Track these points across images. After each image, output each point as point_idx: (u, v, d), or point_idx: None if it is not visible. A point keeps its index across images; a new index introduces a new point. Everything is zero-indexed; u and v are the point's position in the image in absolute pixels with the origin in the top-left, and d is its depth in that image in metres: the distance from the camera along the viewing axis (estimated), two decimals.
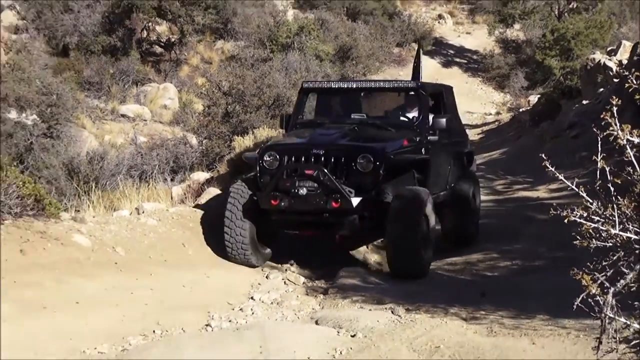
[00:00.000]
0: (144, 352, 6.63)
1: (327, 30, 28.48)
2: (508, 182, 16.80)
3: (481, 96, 29.87)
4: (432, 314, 8.20)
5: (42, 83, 15.52)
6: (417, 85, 10.30)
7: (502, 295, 8.93)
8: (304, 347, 6.93)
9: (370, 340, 7.28)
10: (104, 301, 7.89)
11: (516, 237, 11.56)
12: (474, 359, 6.68)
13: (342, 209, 8.66)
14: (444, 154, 10.76)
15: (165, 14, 24.92)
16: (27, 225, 8.73)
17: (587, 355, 3.96)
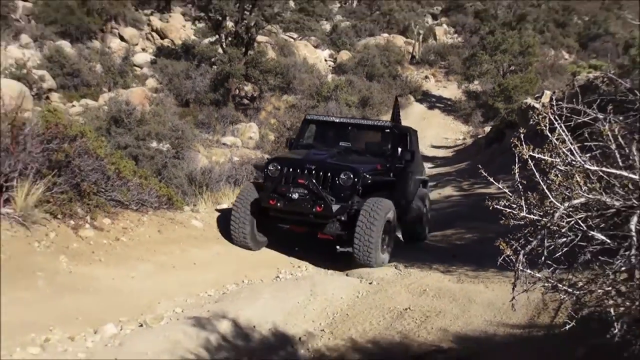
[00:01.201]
0: (236, 294, 6.73)
1: (353, 87, 28.54)
2: (471, 183, 16.79)
3: (453, 128, 29.78)
4: (421, 269, 8.27)
5: (172, 124, 15.76)
6: (390, 126, 9.64)
7: (466, 257, 8.99)
8: (338, 290, 7.03)
9: (381, 285, 7.34)
10: (211, 263, 8.02)
11: (475, 219, 11.53)
12: (448, 297, 6.72)
13: (324, 213, 7.87)
14: (407, 179, 9.87)
15: (249, 79, 25.07)
16: (162, 214, 8.88)
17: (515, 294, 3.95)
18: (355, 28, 47.19)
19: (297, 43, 38.55)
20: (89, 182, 7.96)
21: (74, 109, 20.19)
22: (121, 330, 5.34)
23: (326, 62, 38.52)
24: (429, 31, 51.84)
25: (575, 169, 2.72)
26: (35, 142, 7.46)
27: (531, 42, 29.78)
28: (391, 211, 8.12)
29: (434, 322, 5.95)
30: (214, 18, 25.85)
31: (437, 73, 43.26)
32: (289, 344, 5.48)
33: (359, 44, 41.59)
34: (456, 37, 51.65)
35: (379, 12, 51.87)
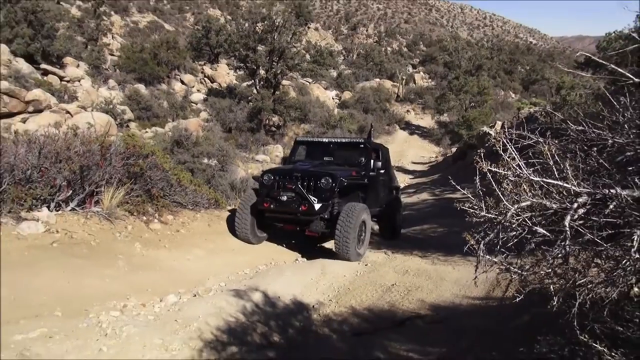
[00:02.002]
0: (266, 272, 6.70)
1: (353, 118, 28.57)
2: (441, 190, 16.67)
3: (428, 149, 29.65)
4: (404, 254, 8.20)
5: (219, 145, 15.78)
6: (364, 142, 9.04)
7: (438, 245, 8.90)
8: (342, 270, 6.98)
9: (374, 267, 7.28)
10: (246, 249, 7.98)
11: (444, 217, 11.45)
12: (425, 276, 6.66)
13: (308, 211, 7.40)
14: (380, 185, 9.34)
15: (276, 112, 25.14)
16: (210, 212, 8.87)
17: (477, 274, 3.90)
18: (355, 74, 47.28)
19: (312, 86, 38.66)
20: (157, 188, 7.98)
21: (146, 135, 20.27)
22: (180, 299, 5.32)
23: (333, 99, 38.54)
24: (410, 77, 51.96)
25: (522, 180, 2.69)
26: (118, 158, 7.48)
27: (486, 85, 29.76)
28: (365, 213, 7.65)
29: (414, 295, 5.90)
30: (250, 67, 26.00)
31: (416, 108, 43.21)
32: (305, 310, 5.44)
33: (358, 86, 41.63)
34: (430, 81, 51.70)
35: (372, 62, 51.92)
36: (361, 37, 75.84)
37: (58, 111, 21.30)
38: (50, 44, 27.06)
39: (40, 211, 6.28)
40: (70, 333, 4.15)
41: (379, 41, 77.83)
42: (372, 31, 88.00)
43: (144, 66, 29.68)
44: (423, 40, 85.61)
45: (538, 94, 39.96)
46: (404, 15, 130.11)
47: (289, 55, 25.35)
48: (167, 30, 44.49)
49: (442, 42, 48.31)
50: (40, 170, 6.68)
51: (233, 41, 25.57)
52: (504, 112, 30.95)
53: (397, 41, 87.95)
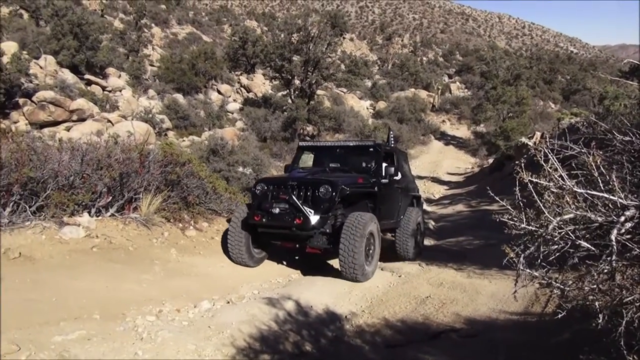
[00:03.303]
0: (298, 281, 6.70)
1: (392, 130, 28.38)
2: (477, 202, 16.32)
3: (464, 160, 29.15)
4: (439, 266, 8.04)
5: (254, 154, 15.94)
6: (374, 145, 8.10)
7: (474, 258, 8.67)
8: (375, 280, 6.90)
9: (408, 278, 7.18)
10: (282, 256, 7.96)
11: (481, 229, 11.19)
12: (460, 289, 6.52)
13: (303, 225, 6.41)
14: (394, 194, 8.26)
15: (311, 121, 25.26)
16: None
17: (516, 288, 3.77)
18: (389, 84, 47.11)
19: (346, 95, 38.73)
20: (193, 196, 8.11)
21: (184, 143, 20.67)
22: (213, 305, 5.37)
23: (367, 109, 38.48)
24: (445, 87, 51.41)
25: (565, 191, 2.60)
26: (156, 166, 7.65)
27: (525, 95, 29.11)
28: (373, 224, 6.68)
29: (448, 308, 5.77)
30: (285, 77, 26.28)
31: (452, 118, 42.65)
32: (337, 320, 5.39)
33: (393, 96, 41.43)
34: (466, 91, 50.96)
35: (407, 72, 51.66)
36: (396, 47, 75.59)
37: (100, 120, 22.01)
38: (94, 55, 28.04)
39: (81, 216, 6.47)
40: (107, 336, 4.23)
41: (415, 51, 77.42)
42: (407, 41, 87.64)
43: (182, 76, 30.37)
44: (459, 50, 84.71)
45: (579, 104, 38.90)
46: (440, 25, 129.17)
47: (324, 65, 25.50)
48: (205, 42, 45.46)
49: (479, 52, 47.72)
50: (82, 176, 6.89)
51: (269, 52, 25.91)
52: (543, 123, 30.24)
53: (433, 51, 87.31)
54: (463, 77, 57.69)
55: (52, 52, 27.24)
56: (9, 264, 5.19)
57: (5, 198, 6.01)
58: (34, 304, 4.63)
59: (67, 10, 28.52)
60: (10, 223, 5.76)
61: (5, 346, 3.77)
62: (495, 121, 29.25)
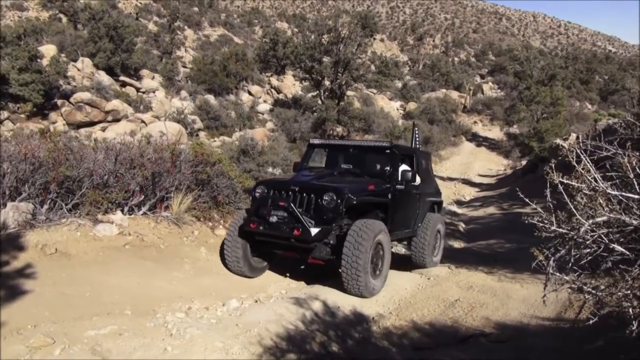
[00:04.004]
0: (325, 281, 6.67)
1: (418, 128, 28.08)
2: (510, 204, 16.01)
3: (496, 161, 28.63)
4: (469, 269, 7.94)
5: (284, 155, 16.06)
6: (390, 146, 7.27)
7: (505, 261, 8.53)
8: (403, 282, 6.86)
9: (437, 281, 7.11)
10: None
11: (513, 232, 10.97)
12: (490, 292, 6.42)
13: (302, 237, 5.75)
14: (411, 200, 7.47)
15: (340, 122, 25.27)
16: None
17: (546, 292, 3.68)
18: (420, 85, 46.68)
19: (376, 96, 38.59)
20: (223, 195, 8.22)
21: (214, 143, 20.96)
22: (242, 304, 5.42)
23: (397, 110, 38.24)
24: (477, 87, 50.63)
25: (598, 193, 2.52)
26: (187, 166, 7.78)
27: (560, 96, 28.37)
28: (382, 233, 6.03)
29: (478, 312, 5.68)
30: (315, 78, 26.37)
31: (484, 119, 41.98)
32: (365, 322, 5.38)
33: (423, 97, 41.05)
34: (499, 91, 50.06)
35: (439, 73, 51.09)
36: (427, 47, 74.84)
37: (134, 120, 22.54)
38: (129, 57, 28.73)
39: (114, 214, 6.64)
40: (138, 331, 4.33)
41: (446, 51, 76.52)
42: (439, 41, 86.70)
43: (213, 77, 30.82)
44: (492, 50, 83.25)
45: (617, 105, 37.72)
46: (472, 25, 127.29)
47: (354, 66, 25.47)
48: (236, 43, 46.01)
49: (513, 52, 46.77)
50: (116, 175, 7.07)
51: (299, 53, 26.03)
52: (579, 124, 29.43)
53: (465, 51, 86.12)
54: (496, 77, 56.70)
55: (89, 54, 28.05)
56: (46, 259, 5.36)
57: (43, 195, 6.21)
58: (69, 298, 4.77)
59: (104, 14, 29.30)
60: (47, 220, 5.96)
61: (41, 339, 3.90)
62: (528, 122, 28.61)
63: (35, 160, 6.37)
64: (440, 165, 26.44)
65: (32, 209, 5.92)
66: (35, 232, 5.65)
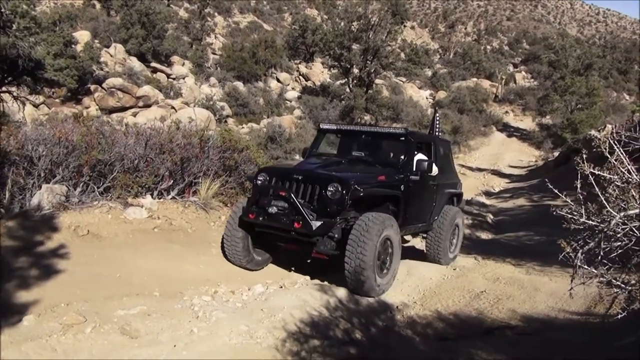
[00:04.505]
0: None
1: (447, 118, 27.69)
2: (540, 196, 15.67)
3: (527, 152, 28.04)
4: (496, 261, 7.82)
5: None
6: (405, 133, 6.67)
7: (534, 254, 8.38)
8: (429, 272, 6.83)
9: (463, 272, 7.05)
10: None
11: (543, 225, 10.74)
12: (517, 285, 6.34)
13: (303, 230, 5.34)
14: (426, 192, 6.94)
15: (368, 110, 25.09)
16: None
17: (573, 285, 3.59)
18: (450, 74, 45.96)
19: (405, 85, 38.19)
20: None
21: (242, 130, 21.13)
22: (267, 289, 5.49)
23: (427, 99, 37.78)
24: (510, 76, 49.54)
25: (631, 185, 2.45)
26: (215, 152, 7.88)
27: (596, 86, 27.52)
28: (390, 228, 5.53)
29: (504, 304, 5.62)
30: (344, 66, 26.21)
31: (516, 109, 41.10)
32: (389, 310, 5.38)
33: (453, 86, 40.42)
34: (532, 81, 48.86)
35: (470, 61, 50.15)
36: (459, 35, 73.53)
37: (164, 106, 22.87)
38: (160, 44, 29.07)
39: (144, 198, 6.79)
40: (165, 313, 4.45)
41: (478, 39, 74.96)
42: (471, 29, 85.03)
43: (243, 64, 30.97)
44: (526, 38, 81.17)
45: None
46: (506, 12, 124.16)
47: (384, 54, 25.20)
48: (265, 30, 46.05)
49: (548, 40, 45.54)
50: (146, 160, 7.21)
51: (328, 40, 25.89)
52: (615, 116, 28.59)
53: (498, 39, 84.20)
54: (529, 66, 55.33)
55: (122, 40, 28.50)
56: (79, 240, 5.53)
57: (76, 178, 6.39)
58: (100, 278, 4.92)
59: (136, 1, 29.66)
60: (79, 202, 6.13)
61: (73, 317, 4.04)
62: (562, 113, 27.88)
63: (69, 143, 6.55)
64: (469, 155, 26.07)
65: (65, 192, 6.10)
66: (69, 214, 5.83)
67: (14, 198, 5.97)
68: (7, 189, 5.88)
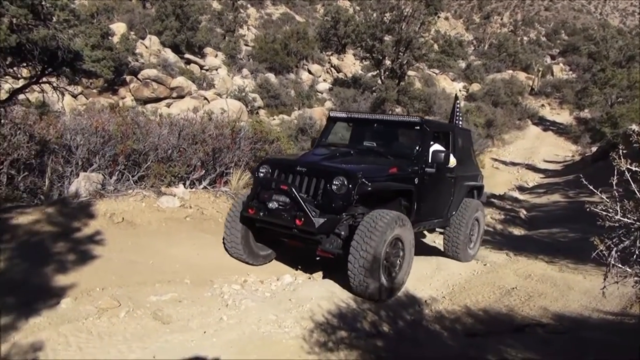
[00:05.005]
0: None
1: (481, 111, 27.18)
2: (576, 192, 15.27)
3: (563, 147, 27.29)
4: (528, 257, 7.69)
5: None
6: (420, 121, 6.15)
7: (568, 251, 8.18)
8: (458, 267, 6.78)
9: (494, 267, 6.96)
10: None
11: (578, 222, 10.47)
12: (550, 282, 6.21)
13: (304, 227, 4.94)
14: (443, 186, 6.49)
15: (400, 103, 24.81)
16: None
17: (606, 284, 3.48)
18: (485, 65, 44.98)
19: (438, 77, 37.64)
20: None
21: (274, 122, 21.21)
22: (295, 280, 5.55)
23: (460, 91, 37.14)
24: (547, 68, 48.22)
25: None
26: (246, 143, 7.95)
27: (638, 79, 26.51)
28: (401, 226, 5.05)
29: (536, 301, 5.52)
30: (376, 58, 25.97)
31: (552, 102, 39.99)
32: (417, 304, 5.36)
33: (488, 78, 39.58)
34: (571, 73, 47.43)
35: (505, 53, 48.98)
36: (495, 26, 71.87)
37: (197, 97, 23.17)
38: (194, 36, 29.41)
39: (177, 187, 6.92)
40: (196, 300, 4.55)
41: (515, 30, 73.16)
42: (507, 20, 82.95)
43: (274, 56, 31.07)
44: (565, 29, 78.74)
45: None
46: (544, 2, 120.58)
47: (416, 46, 24.85)
48: (298, 22, 46.03)
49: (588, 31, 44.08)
50: (179, 150, 7.34)
51: (360, 31, 25.68)
52: None
53: (535, 30, 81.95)
54: (567, 58, 53.65)
55: (156, 32, 28.96)
56: (114, 227, 5.69)
57: (112, 167, 6.57)
58: (134, 265, 5.06)
59: None
60: (115, 190, 6.30)
61: (108, 301, 4.17)
62: (601, 106, 26.99)
63: (105, 133, 6.73)
64: (503, 149, 25.57)
65: (101, 180, 6.28)
66: (104, 202, 5.99)
67: (53, 185, 6.18)
68: (47, 176, 6.09)
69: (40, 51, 6.78)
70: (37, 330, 3.67)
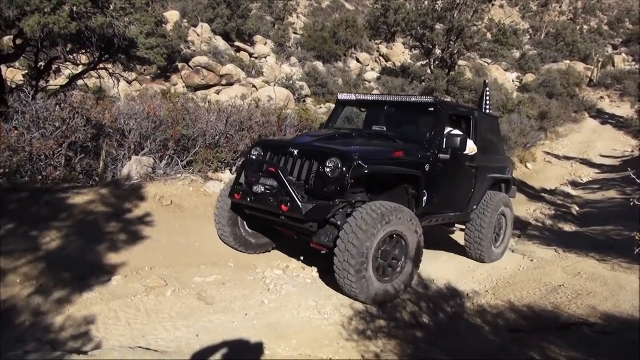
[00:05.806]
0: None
1: (534, 103, 26.24)
2: (635, 189, 14.55)
3: (622, 142, 26.01)
4: (578, 255, 7.42)
5: None
6: (435, 102, 5.60)
7: (622, 250, 7.83)
8: (503, 262, 6.64)
9: (541, 264, 6.78)
10: None
11: (635, 220, 9.97)
12: (600, 281, 5.99)
13: (291, 213, 4.47)
14: (461, 175, 5.94)
15: (449, 93, 24.32)
16: None
17: None
18: (541, 55, 43.32)
19: (491, 67, 36.54)
20: None
21: (320, 110, 21.22)
22: None
23: (513, 82, 35.95)
24: (608, 59, 45.88)
25: None
26: (292, 130, 8.02)
27: None
28: (400, 221, 4.46)
29: (584, 300, 5.34)
30: (426, 47, 25.53)
31: (612, 94, 38.07)
32: (458, 297, 5.30)
33: (543, 68, 38.10)
34: (634, 64, 44.97)
35: (563, 42, 46.97)
36: (553, 14, 68.88)
37: (246, 85, 23.49)
38: (244, 24, 29.76)
39: (223, 173, 7.08)
40: (239, 283, 4.67)
41: (574, 19, 69.92)
42: (566, 7, 79.35)
43: (323, 44, 31.02)
44: (630, 17, 74.53)
45: None
46: None
47: (468, 35, 24.21)
48: (347, 10, 45.72)
49: None
50: (226, 136, 7.50)
51: (411, 20, 25.24)
52: None
53: (597, 18, 78.03)
54: (631, 48, 50.88)
55: (208, 20, 29.50)
56: (163, 209, 5.90)
57: (162, 152, 6.79)
58: (181, 247, 5.24)
59: None
60: (164, 174, 6.52)
61: (155, 280, 4.34)
62: None
63: (157, 119, 6.95)
64: (556, 142, 24.65)
65: (152, 164, 6.51)
66: (154, 185, 6.22)
67: (107, 168, 6.45)
68: (102, 159, 6.37)
69: (97, 38, 7.06)
70: (89, 305, 3.87)
